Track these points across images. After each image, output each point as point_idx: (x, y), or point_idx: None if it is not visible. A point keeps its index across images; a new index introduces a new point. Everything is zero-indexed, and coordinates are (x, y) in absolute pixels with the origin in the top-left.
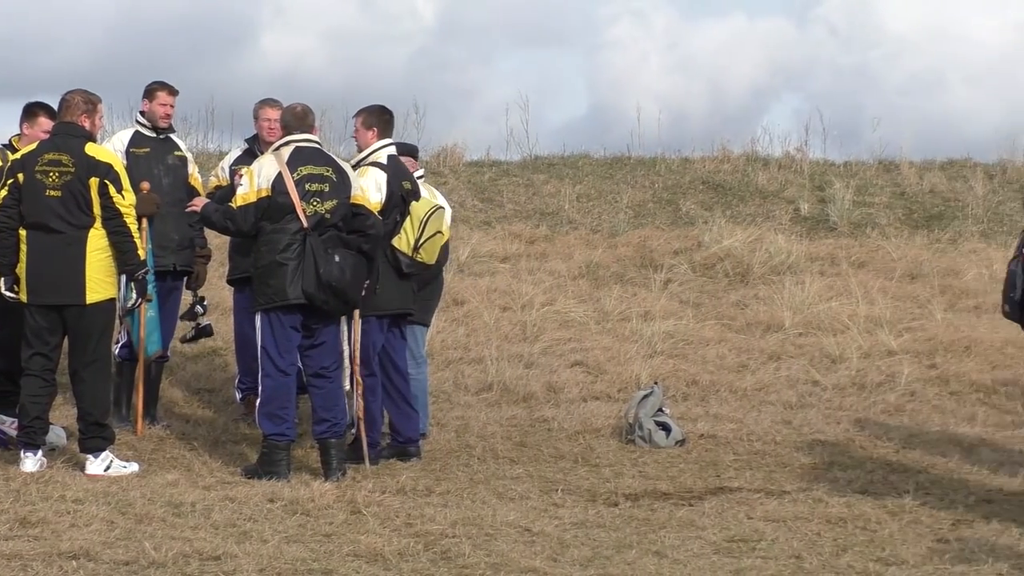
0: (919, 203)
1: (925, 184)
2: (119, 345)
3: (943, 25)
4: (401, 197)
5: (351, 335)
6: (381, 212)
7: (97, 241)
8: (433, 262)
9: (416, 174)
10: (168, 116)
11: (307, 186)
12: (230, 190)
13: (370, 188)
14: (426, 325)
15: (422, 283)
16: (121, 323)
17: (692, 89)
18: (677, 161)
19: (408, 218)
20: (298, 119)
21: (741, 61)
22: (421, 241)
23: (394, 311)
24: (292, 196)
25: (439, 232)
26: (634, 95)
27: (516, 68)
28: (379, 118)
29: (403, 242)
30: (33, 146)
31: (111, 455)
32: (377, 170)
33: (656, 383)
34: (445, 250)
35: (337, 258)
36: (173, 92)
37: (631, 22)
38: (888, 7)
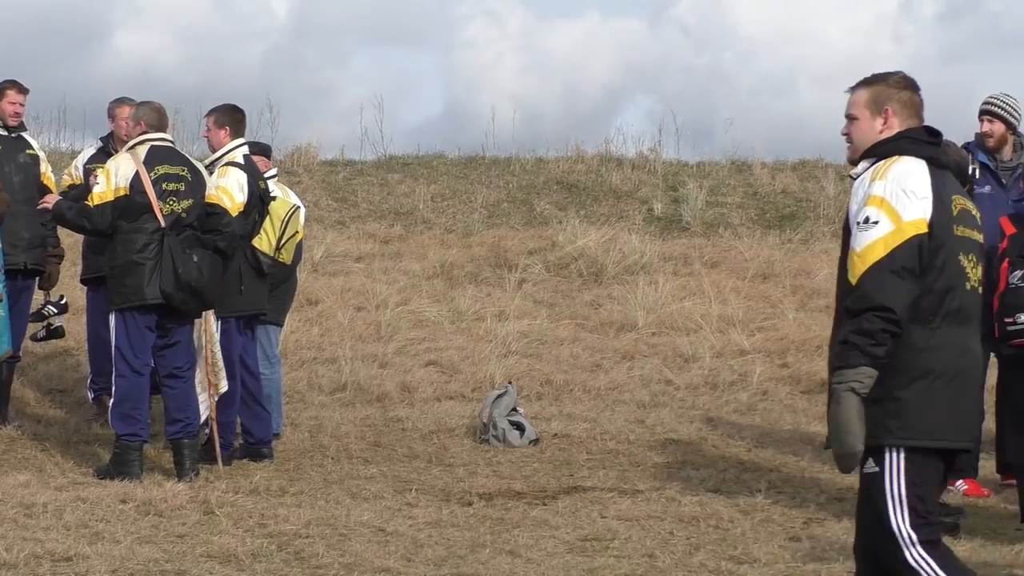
0: (771, 203)
1: (777, 184)
2: None
3: (794, 26)
4: (259, 197)
5: (210, 337)
6: (243, 212)
7: None
8: (291, 262)
9: (269, 174)
10: (18, 115)
11: (164, 185)
12: (84, 189)
13: (233, 189)
14: (280, 325)
15: (276, 282)
16: None
17: (546, 89)
18: (531, 161)
19: (268, 219)
20: (160, 117)
21: (595, 62)
22: (283, 241)
23: (251, 311)
24: (150, 195)
25: (297, 232)
26: (489, 95)
27: (370, 67)
28: (231, 117)
29: (264, 243)
30: None
31: None
32: (237, 170)
33: (510, 383)
34: (299, 249)
35: (195, 258)
36: (23, 90)
37: (485, 22)
38: (740, 8)
